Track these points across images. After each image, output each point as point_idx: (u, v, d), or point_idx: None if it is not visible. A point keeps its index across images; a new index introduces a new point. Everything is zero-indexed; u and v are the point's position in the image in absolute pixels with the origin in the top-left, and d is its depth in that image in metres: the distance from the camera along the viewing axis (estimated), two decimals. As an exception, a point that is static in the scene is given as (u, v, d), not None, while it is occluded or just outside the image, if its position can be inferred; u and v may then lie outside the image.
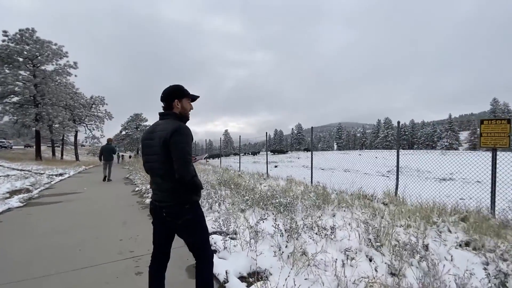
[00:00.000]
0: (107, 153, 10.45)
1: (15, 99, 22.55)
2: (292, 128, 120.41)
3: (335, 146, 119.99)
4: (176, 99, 1.74)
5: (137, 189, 7.58)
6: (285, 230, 2.92)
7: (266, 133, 12.68)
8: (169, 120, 1.70)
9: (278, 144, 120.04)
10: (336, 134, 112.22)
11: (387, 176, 13.62)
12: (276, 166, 19.76)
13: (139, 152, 51.20)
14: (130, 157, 47.87)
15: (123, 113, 55.60)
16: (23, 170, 14.68)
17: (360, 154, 32.62)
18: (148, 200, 5.77)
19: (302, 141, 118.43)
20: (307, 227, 3.14)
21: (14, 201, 5.62)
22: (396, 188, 5.50)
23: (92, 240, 3.41)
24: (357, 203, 4.36)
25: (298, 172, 14.33)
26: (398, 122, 5.92)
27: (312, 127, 9.37)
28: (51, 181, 9.82)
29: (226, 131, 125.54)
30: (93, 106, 32.11)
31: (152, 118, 55.25)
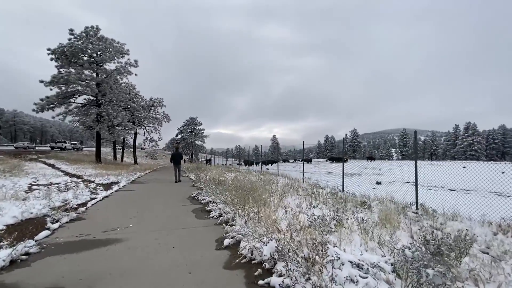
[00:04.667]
0: (176, 158, 11.80)
1: (79, 99, 22.02)
2: (346, 134, 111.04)
3: (394, 155, 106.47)
4: None
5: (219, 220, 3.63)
6: None
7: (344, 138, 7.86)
8: None
9: (329, 151, 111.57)
10: (401, 140, 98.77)
11: None
12: (379, 183, 14.57)
13: (193, 155, 50.36)
14: (185, 161, 47.24)
15: (180, 118, 55.98)
16: (74, 176, 12.56)
17: (464, 167, 25.03)
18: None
19: (358, 148, 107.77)
20: None
21: None
22: None
23: None
24: None
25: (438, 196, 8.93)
26: None
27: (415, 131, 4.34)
28: (93, 199, 6.69)
29: (274, 136, 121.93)
30: (152, 108, 31.17)
31: (206, 122, 54.37)
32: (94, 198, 6.77)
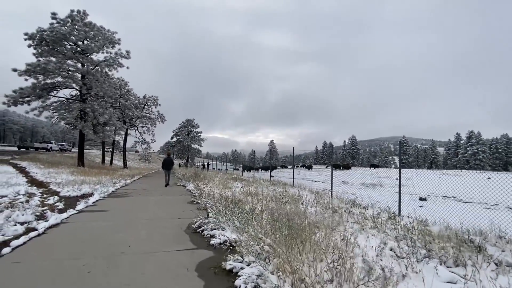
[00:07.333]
0: (167, 164, 12.06)
1: (61, 94, 19.27)
2: (345, 141, 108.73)
3: (392, 163, 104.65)
4: None
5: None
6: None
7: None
8: None
9: (327, 158, 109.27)
10: (402, 148, 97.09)
11: None
12: (423, 199, 11.96)
13: (189, 160, 47.46)
14: (179, 165, 44.23)
15: (176, 121, 52.82)
16: (38, 184, 9.79)
17: (489, 178, 22.75)
18: None
19: (357, 155, 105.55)
20: None
21: None
22: None
23: None
24: None
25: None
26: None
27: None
28: (28, 232, 4.04)
29: (271, 142, 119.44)
30: (146, 106, 28.47)
31: (202, 126, 51.14)
32: (32, 230, 4.09)
